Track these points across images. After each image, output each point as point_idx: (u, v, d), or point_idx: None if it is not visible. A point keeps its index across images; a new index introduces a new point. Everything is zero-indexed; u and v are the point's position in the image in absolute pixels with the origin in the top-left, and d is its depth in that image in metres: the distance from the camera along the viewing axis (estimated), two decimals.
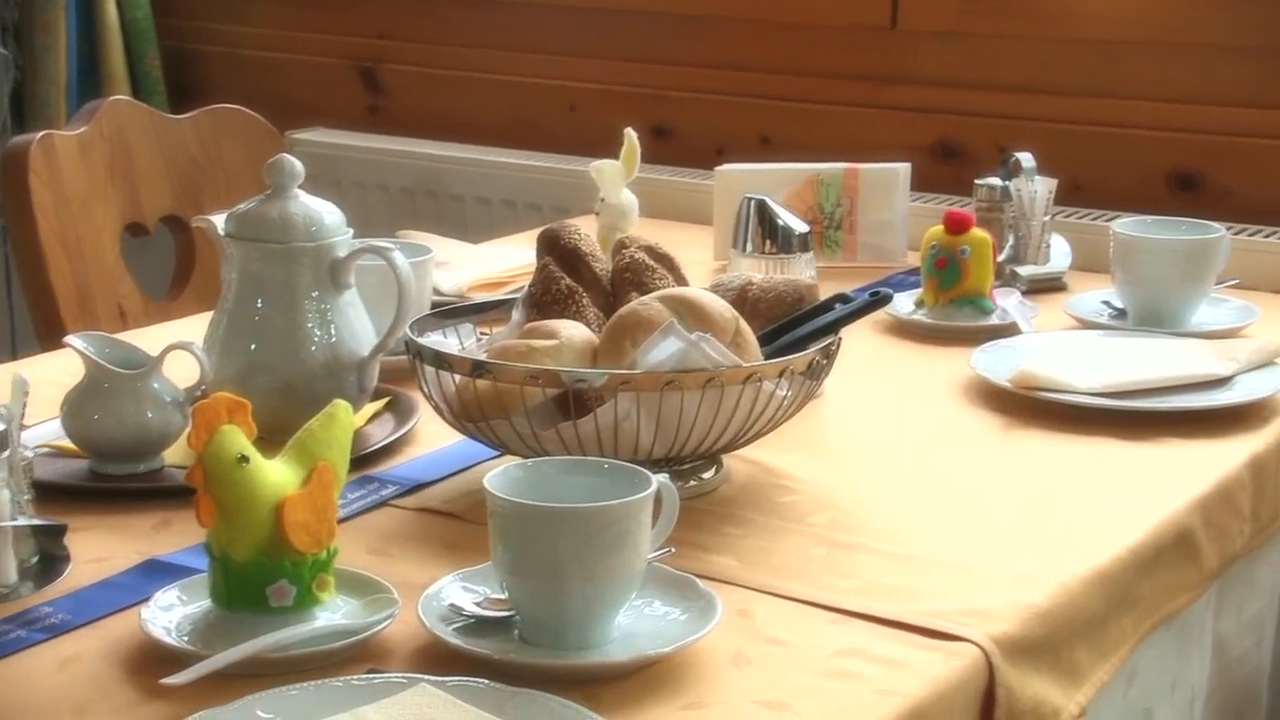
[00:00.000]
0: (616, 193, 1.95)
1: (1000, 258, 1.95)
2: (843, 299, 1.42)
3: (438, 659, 1.06)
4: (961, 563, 1.23)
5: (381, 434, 1.46)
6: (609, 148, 2.04)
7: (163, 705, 0.99)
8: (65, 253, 2.02)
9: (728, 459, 1.40)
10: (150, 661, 1.05)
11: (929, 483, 1.41)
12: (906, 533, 1.29)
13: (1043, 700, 1.14)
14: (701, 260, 2.04)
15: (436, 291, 1.79)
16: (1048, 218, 2.01)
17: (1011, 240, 2.01)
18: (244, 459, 1.05)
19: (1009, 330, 1.79)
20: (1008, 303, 1.85)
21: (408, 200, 2.77)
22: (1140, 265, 1.84)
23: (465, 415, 1.32)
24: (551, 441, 1.27)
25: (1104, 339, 1.75)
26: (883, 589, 1.18)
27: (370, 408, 1.49)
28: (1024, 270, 1.99)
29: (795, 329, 1.41)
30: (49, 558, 1.19)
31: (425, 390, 1.35)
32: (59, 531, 1.20)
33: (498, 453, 1.35)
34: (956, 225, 1.83)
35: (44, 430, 1.40)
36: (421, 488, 1.36)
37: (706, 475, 1.37)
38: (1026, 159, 2.00)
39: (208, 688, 1.00)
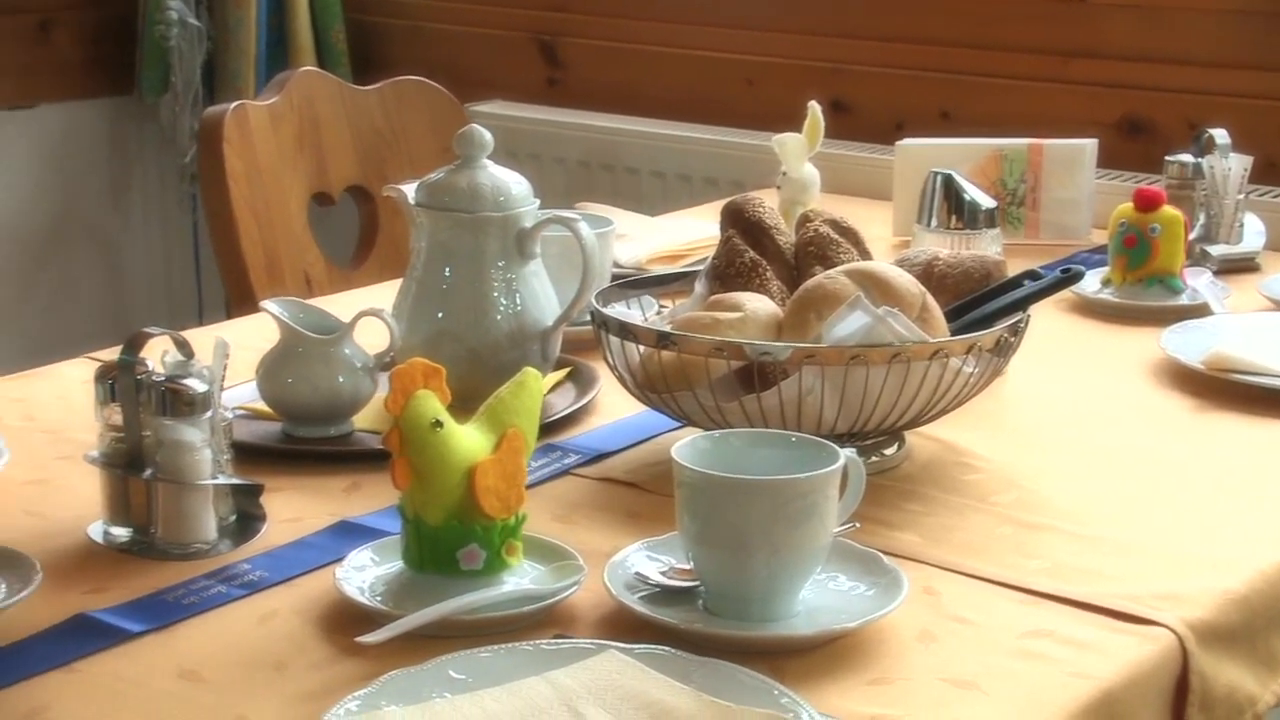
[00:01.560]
0: (799, 166, 1.94)
1: (1191, 236, 1.91)
2: (1032, 276, 1.40)
3: (622, 626, 1.07)
4: (1152, 546, 1.21)
5: (563, 403, 1.47)
6: (786, 122, 2.02)
7: (357, 663, 1.02)
8: (255, 221, 2.07)
9: (910, 436, 1.38)
10: (344, 620, 1.07)
11: (1117, 464, 1.39)
12: (1094, 514, 1.27)
13: (1237, 688, 1.11)
14: (880, 236, 2.02)
15: (615, 264, 1.80)
16: (1241, 196, 1.96)
17: (1203, 219, 1.97)
18: (438, 424, 1.07)
19: (1199, 310, 1.75)
20: (1198, 282, 1.80)
21: (584, 173, 2.78)
22: None
23: (649, 386, 1.32)
24: (734, 414, 1.27)
25: None
26: (1071, 570, 1.16)
27: (552, 377, 1.51)
28: (1215, 249, 1.94)
29: (982, 305, 1.39)
30: (246, 516, 1.23)
31: (609, 360, 1.36)
32: (256, 491, 1.23)
33: (679, 424, 1.36)
34: (1147, 202, 1.79)
35: (239, 393, 1.43)
36: (603, 457, 1.37)
37: (889, 451, 1.36)
38: (1220, 135, 1.95)
39: (399, 647, 1.02)
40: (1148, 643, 1.07)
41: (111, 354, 1.24)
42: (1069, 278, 1.38)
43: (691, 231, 2.02)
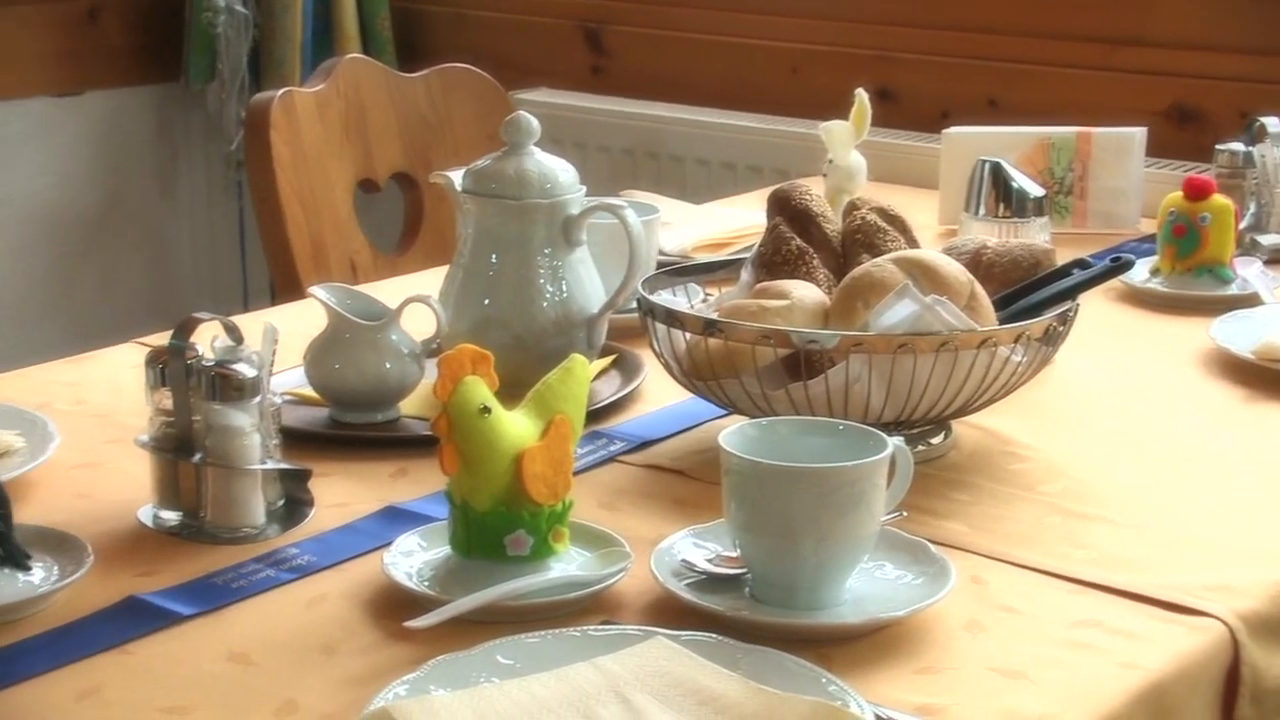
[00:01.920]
0: (845, 154, 1.93)
1: (1241, 226, 1.90)
2: (1080, 264, 1.39)
3: (669, 613, 1.07)
4: (1202, 536, 1.20)
5: (609, 391, 1.47)
6: (831, 110, 2.02)
7: (405, 647, 1.02)
8: (301, 207, 2.07)
9: (957, 424, 1.38)
10: (392, 604, 1.08)
11: (1166, 454, 1.38)
12: (1143, 504, 1.26)
13: None
14: (926, 224, 2.01)
15: (661, 252, 1.80)
16: None
17: (1253, 208, 1.95)
18: (486, 410, 1.07)
19: (1249, 300, 1.74)
20: (1248, 272, 1.79)
21: (628, 161, 2.78)
22: None
23: (695, 374, 1.32)
24: (781, 402, 1.27)
25: None
26: (1120, 560, 1.16)
27: (598, 364, 1.51)
28: (1266, 239, 1.93)
29: (1030, 294, 1.38)
30: (294, 501, 1.23)
31: (655, 348, 1.36)
32: (304, 476, 1.24)
33: (724, 412, 1.36)
34: (1197, 191, 1.77)
35: (287, 378, 1.44)
36: (649, 444, 1.37)
37: (935, 440, 1.36)
38: (1272, 123, 1.94)
39: (446, 632, 1.02)
40: (1197, 633, 1.06)
41: (161, 339, 1.25)
42: (1118, 267, 1.37)
43: (737, 219, 2.01)
